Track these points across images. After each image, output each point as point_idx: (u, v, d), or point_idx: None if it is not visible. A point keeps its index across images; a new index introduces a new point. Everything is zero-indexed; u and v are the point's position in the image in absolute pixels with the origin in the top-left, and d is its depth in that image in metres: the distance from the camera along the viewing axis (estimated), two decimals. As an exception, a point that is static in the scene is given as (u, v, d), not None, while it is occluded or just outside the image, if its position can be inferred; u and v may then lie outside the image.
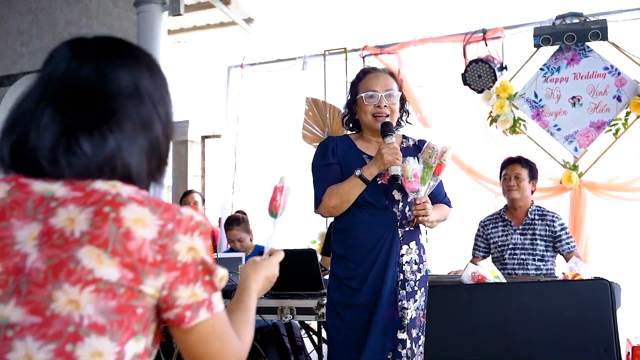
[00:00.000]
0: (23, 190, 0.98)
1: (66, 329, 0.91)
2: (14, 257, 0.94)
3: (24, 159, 0.99)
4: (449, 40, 5.07)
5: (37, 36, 6.95)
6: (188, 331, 1.00)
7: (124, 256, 0.93)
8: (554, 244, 3.93)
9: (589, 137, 4.67)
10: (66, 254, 0.92)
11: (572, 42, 4.57)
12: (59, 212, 0.94)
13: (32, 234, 0.94)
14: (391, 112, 2.51)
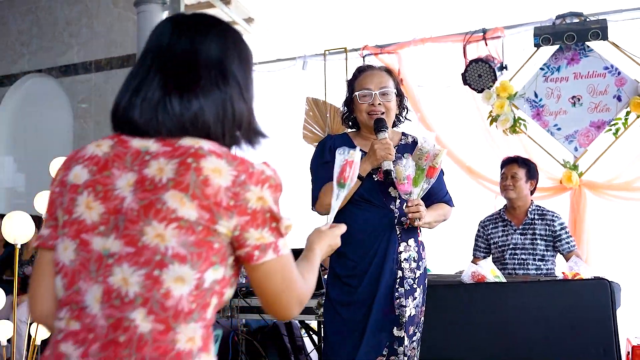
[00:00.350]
0: (123, 146, 1.19)
1: (154, 257, 1.08)
2: (114, 200, 1.13)
3: (128, 119, 1.20)
4: (449, 40, 5.07)
5: (37, 36, 6.95)
6: (256, 268, 1.17)
7: (202, 199, 1.10)
8: (554, 243, 3.93)
9: (589, 137, 4.67)
10: (154, 197, 1.10)
11: (572, 41, 4.57)
12: (151, 164, 1.13)
13: (128, 182, 1.13)
14: (386, 110, 2.50)
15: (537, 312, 3.12)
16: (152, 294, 1.08)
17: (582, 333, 3.06)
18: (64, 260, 1.15)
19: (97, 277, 1.10)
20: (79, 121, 6.63)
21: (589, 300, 3.10)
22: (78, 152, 1.24)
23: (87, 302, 1.10)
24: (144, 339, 1.07)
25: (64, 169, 1.22)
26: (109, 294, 1.09)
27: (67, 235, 1.15)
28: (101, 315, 1.09)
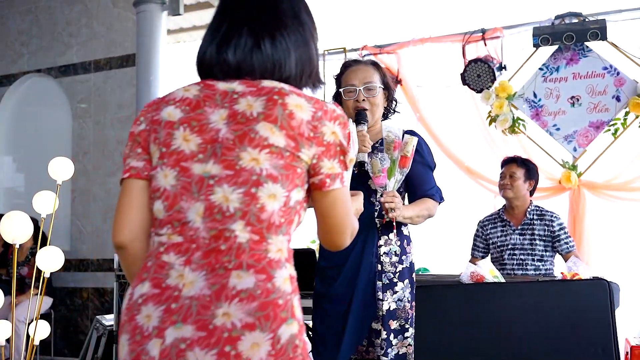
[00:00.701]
0: (210, 89, 1.37)
1: (251, 177, 1.27)
2: (209, 132, 1.32)
3: (221, 63, 1.40)
4: (448, 40, 5.08)
5: (37, 36, 6.95)
6: (325, 194, 1.37)
7: (288, 130, 1.29)
8: (553, 243, 3.93)
9: (588, 137, 4.67)
10: (248, 128, 1.29)
11: (571, 42, 4.58)
12: (240, 101, 1.32)
13: (221, 116, 1.33)
14: (371, 105, 2.49)
15: (535, 312, 3.12)
16: (250, 209, 1.27)
17: (581, 333, 3.06)
18: (165, 186, 1.32)
19: (199, 197, 1.28)
20: (78, 121, 6.63)
21: (587, 301, 3.10)
22: (165, 97, 1.41)
23: (189, 218, 1.28)
24: (242, 247, 1.26)
25: (153, 110, 1.40)
26: (211, 210, 1.27)
27: (166, 165, 1.33)
28: (203, 227, 1.27)
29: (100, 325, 4.56)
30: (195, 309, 1.21)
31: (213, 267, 1.24)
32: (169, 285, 1.25)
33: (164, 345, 1.22)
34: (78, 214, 6.52)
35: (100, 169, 6.46)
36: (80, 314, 6.37)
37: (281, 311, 1.24)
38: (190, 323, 1.21)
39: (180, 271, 1.26)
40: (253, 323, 1.21)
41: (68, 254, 6.31)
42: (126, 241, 1.37)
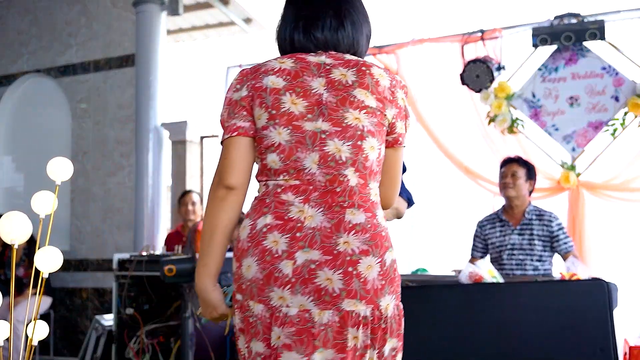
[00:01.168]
0: (303, 62, 1.65)
1: (356, 132, 1.58)
2: (313, 96, 1.60)
3: (312, 39, 1.69)
4: (447, 40, 5.08)
5: (36, 36, 6.95)
6: (397, 150, 1.70)
7: (377, 94, 1.62)
8: (552, 244, 3.94)
9: (586, 137, 4.68)
10: (346, 93, 1.60)
11: (570, 42, 4.58)
12: (334, 71, 1.63)
13: (321, 84, 1.61)
14: None
15: (533, 312, 3.12)
16: (358, 158, 1.58)
17: (579, 333, 3.06)
18: (280, 141, 1.58)
19: (313, 148, 1.57)
20: (77, 121, 6.63)
21: (586, 301, 3.10)
22: (260, 68, 1.65)
23: (306, 166, 1.56)
24: (353, 190, 1.57)
25: (252, 79, 1.63)
26: (325, 158, 1.57)
27: (278, 124, 1.59)
28: (319, 173, 1.56)
29: (100, 325, 4.56)
30: (319, 238, 1.51)
31: (330, 205, 1.54)
32: (291, 218, 1.53)
33: (296, 265, 1.50)
34: (77, 214, 6.53)
35: (99, 169, 6.47)
36: (79, 314, 6.38)
37: (385, 241, 1.58)
38: (317, 249, 1.50)
39: (300, 207, 1.54)
40: (367, 250, 1.53)
41: (67, 254, 6.34)
42: (237, 184, 1.61)
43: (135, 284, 4.08)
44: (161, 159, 6.08)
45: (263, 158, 1.61)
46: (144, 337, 3.98)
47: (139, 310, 4.06)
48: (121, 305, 4.10)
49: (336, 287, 1.49)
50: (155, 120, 6.02)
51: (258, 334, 1.51)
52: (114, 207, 6.36)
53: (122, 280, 4.09)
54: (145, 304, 4.08)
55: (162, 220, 6.05)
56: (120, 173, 6.35)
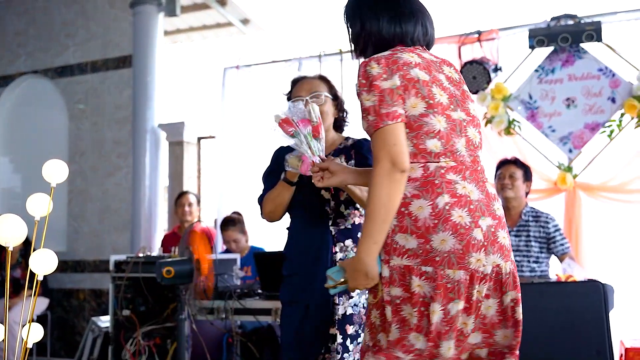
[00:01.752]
0: (422, 58, 1.89)
1: (477, 121, 1.93)
2: (447, 89, 1.88)
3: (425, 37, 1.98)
4: (444, 41, 5.07)
5: (34, 37, 6.95)
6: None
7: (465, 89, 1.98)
8: (548, 245, 3.95)
9: (583, 139, 4.68)
10: (461, 88, 1.94)
11: (567, 43, 4.59)
12: (444, 68, 1.93)
13: (444, 78, 1.89)
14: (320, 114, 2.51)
15: (530, 313, 3.10)
16: (481, 142, 1.93)
17: (575, 335, 3.07)
18: (440, 128, 1.81)
19: (461, 134, 1.84)
20: (75, 122, 6.63)
21: (582, 302, 3.11)
22: (398, 60, 1.84)
23: (458, 149, 1.82)
24: (482, 167, 1.90)
25: (397, 70, 1.81)
26: (468, 143, 1.86)
27: (436, 113, 1.81)
28: (467, 154, 1.84)
29: (96, 326, 4.56)
30: (484, 207, 1.80)
31: (478, 180, 1.84)
32: (460, 195, 1.77)
33: (483, 231, 1.76)
34: (74, 215, 6.52)
35: (96, 170, 6.47)
36: (76, 315, 6.38)
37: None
38: (487, 215, 1.79)
39: (462, 184, 1.79)
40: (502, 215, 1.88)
41: (64, 255, 6.34)
42: (408, 167, 1.75)
43: (131, 285, 4.08)
44: (158, 159, 6.08)
45: (420, 142, 1.80)
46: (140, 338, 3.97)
47: (135, 312, 4.05)
48: (118, 307, 4.09)
49: (507, 243, 1.84)
50: (152, 121, 6.02)
51: (460, 295, 1.73)
52: (111, 208, 6.35)
53: (119, 282, 4.09)
54: (142, 305, 4.08)
55: (159, 221, 6.05)
56: (118, 174, 6.35)
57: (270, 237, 5.14)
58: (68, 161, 6.57)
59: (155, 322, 4.01)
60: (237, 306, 3.58)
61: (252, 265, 4.55)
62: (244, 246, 4.83)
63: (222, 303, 3.59)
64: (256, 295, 3.69)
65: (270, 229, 4.86)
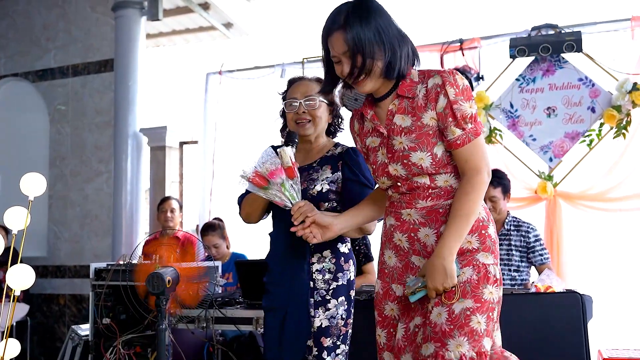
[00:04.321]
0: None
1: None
2: None
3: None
4: (427, 49, 5.10)
5: (14, 40, 6.88)
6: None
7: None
8: (528, 254, 3.97)
9: (563, 148, 4.72)
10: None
11: (547, 53, 4.62)
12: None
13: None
14: (312, 118, 2.48)
15: (508, 324, 3.13)
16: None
17: (554, 345, 3.09)
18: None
19: None
20: (55, 126, 6.57)
21: (560, 313, 3.13)
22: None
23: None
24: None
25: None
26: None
27: None
28: None
29: (76, 335, 4.52)
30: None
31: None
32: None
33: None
34: (55, 220, 6.47)
35: (77, 175, 6.42)
36: (56, 320, 6.32)
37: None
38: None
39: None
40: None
41: (45, 260, 6.29)
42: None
43: (112, 293, 4.05)
44: (140, 164, 6.04)
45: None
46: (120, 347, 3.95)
47: (115, 320, 4.02)
48: (98, 315, 4.06)
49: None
50: (134, 126, 5.99)
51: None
52: (92, 213, 6.31)
53: (99, 290, 4.06)
54: (122, 313, 4.05)
55: (141, 226, 6.02)
56: (99, 179, 6.31)
57: (251, 244, 5.12)
58: (49, 165, 6.52)
59: (136, 331, 3.99)
60: (217, 315, 3.57)
61: (233, 272, 4.54)
62: (224, 252, 4.81)
63: (202, 312, 3.58)
64: (237, 304, 3.67)
65: (252, 235, 4.85)
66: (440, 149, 1.92)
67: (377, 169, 2.05)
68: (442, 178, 1.94)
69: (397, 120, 1.96)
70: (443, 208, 1.94)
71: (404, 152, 1.93)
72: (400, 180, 1.98)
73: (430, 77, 1.95)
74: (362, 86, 1.97)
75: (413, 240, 1.99)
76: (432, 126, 1.91)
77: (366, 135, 2.09)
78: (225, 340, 4.13)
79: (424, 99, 1.93)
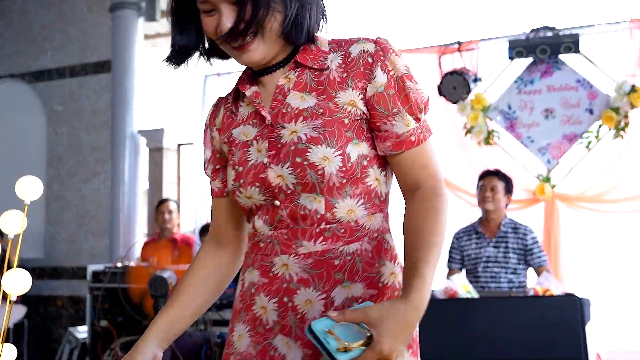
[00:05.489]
0: None
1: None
2: None
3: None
4: (425, 51, 5.09)
5: (11, 40, 6.87)
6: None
7: None
8: (526, 257, 3.97)
9: (561, 149, 4.72)
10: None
11: (546, 55, 4.62)
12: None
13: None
14: None
15: (507, 327, 3.14)
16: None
17: (552, 348, 3.08)
18: None
19: None
20: (52, 127, 6.56)
21: (558, 316, 3.13)
22: None
23: None
24: None
25: None
26: None
27: None
28: None
29: (73, 337, 4.52)
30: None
31: None
32: None
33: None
34: (52, 221, 6.45)
35: (74, 175, 6.40)
36: (54, 322, 6.31)
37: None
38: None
39: None
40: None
41: (42, 262, 6.27)
42: None
43: (109, 295, 4.05)
44: (137, 166, 6.03)
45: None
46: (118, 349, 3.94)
47: (113, 322, 4.02)
48: (95, 317, 4.06)
49: None
50: (131, 127, 5.98)
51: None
52: (89, 214, 6.30)
53: (96, 292, 4.06)
54: (120, 316, 4.05)
55: (138, 227, 6.00)
56: (96, 179, 6.30)
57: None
58: (45, 166, 6.51)
59: (133, 333, 3.98)
60: (215, 317, 3.57)
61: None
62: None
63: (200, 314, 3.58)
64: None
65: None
66: (356, 150, 1.20)
67: (243, 174, 1.26)
68: (345, 205, 1.20)
69: (291, 100, 1.24)
70: (341, 258, 1.21)
71: (301, 145, 1.18)
72: (283, 195, 1.21)
73: (354, 44, 1.25)
74: (248, 52, 1.23)
75: (286, 308, 1.23)
76: (350, 113, 1.21)
77: (236, 126, 1.35)
78: (222, 342, 4.12)
79: (340, 72, 1.23)
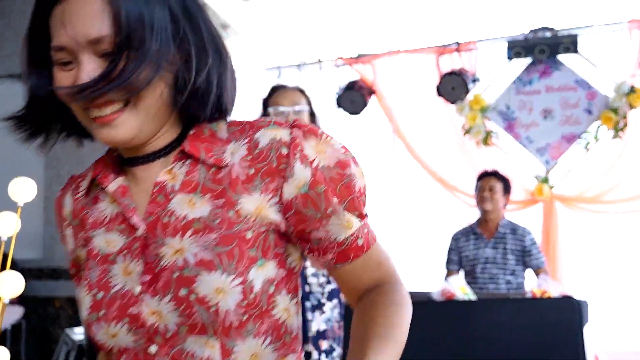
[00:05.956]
0: None
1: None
2: None
3: None
4: (423, 52, 5.08)
5: (11, 39, 6.86)
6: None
7: None
8: (524, 258, 3.95)
9: (560, 150, 4.70)
10: None
11: (544, 55, 4.61)
12: None
13: None
14: None
15: (505, 329, 3.13)
16: None
17: (550, 350, 3.07)
18: None
19: None
20: (51, 127, 6.55)
21: (556, 318, 3.12)
22: None
23: None
24: None
25: None
26: None
27: None
28: None
29: (69, 339, 4.51)
30: None
31: None
32: None
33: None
34: (51, 221, 6.44)
35: (73, 176, 6.39)
36: (52, 323, 6.29)
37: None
38: None
39: None
40: None
41: (40, 262, 6.26)
42: None
43: (106, 297, 4.04)
44: (136, 166, 6.02)
45: None
46: (114, 351, 3.94)
47: (109, 324, 4.01)
48: (92, 319, 4.05)
49: None
50: (130, 128, 5.96)
51: None
52: (88, 215, 6.28)
53: (93, 294, 4.05)
54: (117, 317, 4.04)
55: (137, 228, 5.99)
56: (95, 180, 6.28)
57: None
58: (44, 167, 6.49)
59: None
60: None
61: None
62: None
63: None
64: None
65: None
66: (262, 274, 0.89)
67: (103, 303, 0.93)
68: (247, 348, 0.90)
69: (176, 206, 0.92)
70: None
71: (187, 272, 0.87)
72: (161, 338, 0.89)
73: (261, 129, 0.94)
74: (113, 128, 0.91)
75: None
76: (255, 224, 0.90)
77: (95, 227, 1.02)
78: None
79: (245, 167, 0.92)
